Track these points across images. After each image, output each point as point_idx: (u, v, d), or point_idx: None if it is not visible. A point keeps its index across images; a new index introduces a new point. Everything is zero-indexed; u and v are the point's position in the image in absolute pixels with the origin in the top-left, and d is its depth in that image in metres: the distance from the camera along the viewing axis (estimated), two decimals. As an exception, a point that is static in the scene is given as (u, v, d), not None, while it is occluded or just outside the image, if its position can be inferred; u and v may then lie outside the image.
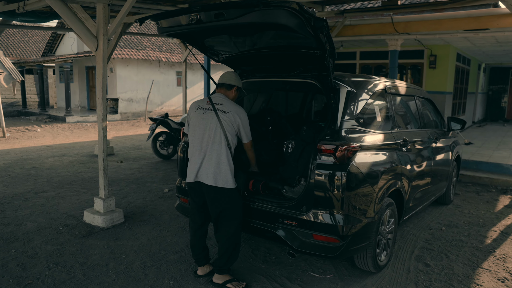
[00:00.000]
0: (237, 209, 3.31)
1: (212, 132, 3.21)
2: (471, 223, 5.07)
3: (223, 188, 3.22)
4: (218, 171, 3.21)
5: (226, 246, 3.32)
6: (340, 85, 3.37)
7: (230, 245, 3.32)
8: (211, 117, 3.23)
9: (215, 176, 3.21)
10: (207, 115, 3.26)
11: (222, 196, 3.26)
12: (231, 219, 3.30)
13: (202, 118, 3.28)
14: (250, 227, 3.50)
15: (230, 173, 3.23)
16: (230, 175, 3.23)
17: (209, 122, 3.24)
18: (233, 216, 3.30)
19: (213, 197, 3.28)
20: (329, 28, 2.86)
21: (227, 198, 3.27)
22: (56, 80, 22.67)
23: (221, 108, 3.25)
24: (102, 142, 4.88)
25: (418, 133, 4.52)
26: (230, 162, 3.24)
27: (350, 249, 3.15)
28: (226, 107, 3.25)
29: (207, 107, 3.30)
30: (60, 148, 10.67)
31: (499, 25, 6.90)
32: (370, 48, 11.56)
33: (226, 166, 3.22)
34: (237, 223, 3.32)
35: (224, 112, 3.22)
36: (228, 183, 3.23)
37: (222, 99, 3.32)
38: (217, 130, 3.20)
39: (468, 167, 7.68)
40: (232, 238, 3.31)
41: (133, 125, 16.95)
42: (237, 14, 2.66)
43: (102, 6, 4.57)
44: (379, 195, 3.36)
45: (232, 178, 3.25)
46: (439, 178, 5.05)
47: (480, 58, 15.45)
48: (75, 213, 5.29)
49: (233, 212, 3.30)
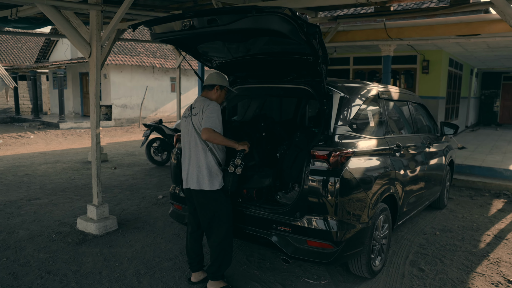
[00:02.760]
0: (225, 213, 3.28)
1: (191, 138, 3.31)
2: (465, 228, 5.09)
3: (207, 191, 3.22)
4: (201, 174, 3.25)
5: (217, 252, 3.30)
6: (333, 91, 3.38)
7: (221, 251, 3.29)
8: (189, 123, 3.34)
9: (198, 179, 3.25)
10: (187, 122, 3.37)
11: (208, 200, 3.27)
12: (220, 223, 3.27)
13: (184, 125, 3.41)
14: (244, 234, 3.49)
15: (212, 174, 3.21)
16: (213, 177, 3.21)
17: (188, 128, 3.35)
18: (222, 220, 3.27)
19: (201, 202, 3.31)
20: (321, 34, 2.88)
21: (213, 201, 3.26)
22: (49, 87, 22.56)
23: (194, 111, 3.33)
24: (96, 148, 4.86)
25: (411, 138, 4.54)
26: (211, 164, 3.23)
27: (344, 255, 3.14)
28: (197, 108, 3.30)
29: (187, 114, 3.41)
30: (53, 155, 10.59)
31: (490, 31, 6.98)
32: (363, 54, 11.64)
33: (206, 168, 3.23)
34: (227, 227, 3.28)
35: (195, 114, 3.29)
36: (211, 185, 3.21)
37: (200, 102, 3.33)
38: (193, 135, 3.28)
39: (462, 171, 7.73)
40: (222, 244, 3.28)
41: (127, 131, 16.88)
42: (230, 20, 2.67)
43: (95, 12, 4.57)
44: (372, 200, 3.37)
45: (215, 179, 3.22)
46: (433, 183, 5.07)
47: (472, 63, 15.60)
48: (68, 220, 5.24)
49: (221, 216, 3.27)
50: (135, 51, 19.95)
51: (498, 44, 9.36)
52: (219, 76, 3.39)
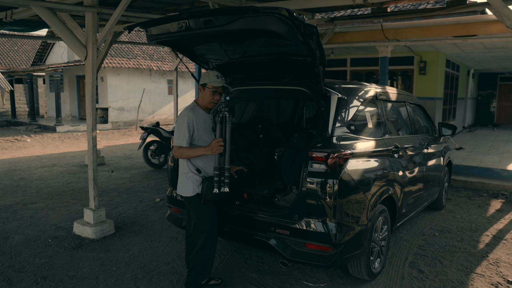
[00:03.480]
0: (203, 222, 3.18)
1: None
2: (464, 228, 5.07)
3: (185, 197, 3.20)
4: (180, 179, 3.23)
5: (195, 261, 3.21)
6: (331, 92, 3.36)
7: (198, 261, 3.19)
8: None
9: (179, 185, 3.25)
10: None
11: (187, 206, 3.27)
12: (198, 232, 3.22)
13: None
14: (242, 236, 3.46)
15: (188, 180, 3.15)
16: (188, 183, 3.15)
17: None
18: (199, 229, 3.20)
19: (185, 207, 3.32)
20: (319, 35, 2.86)
21: (190, 209, 3.23)
22: (46, 90, 22.48)
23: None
24: (92, 152, 4.82)
25: (409, 139, 4.52)
26: (186, 170, 3.16)
27: (343, 257, 3.11)
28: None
29: None
30: (50, 158, 10.53)
31: (487, 32, 7.00)
32: (360, 55, 11.65)
33: (183, 174, 3.20)
34: (205, 237, 3.16)
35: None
36: (186, 191, 3.16)
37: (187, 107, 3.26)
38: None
39: (460, 172, 7.72)
40: (199, 253, 3.19)
41: (124, 134, 16.82)
42: (227, 21, 2.65)
43: (91, 14, 4.54)
44: (371, 202, 3.34)
45: (189, 186, 3.14)
46: (431, 184, 5.06)
47: (469, 64, 15.65)
48: (64, 224, 5.19)
49: (199, 225, 3.20)
50: (132, 53, 19.91)
51: (494, 45, 9.38)
52: (203, 74, 3.24)
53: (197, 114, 3.15)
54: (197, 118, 3.13)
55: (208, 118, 3.25)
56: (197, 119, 3.12)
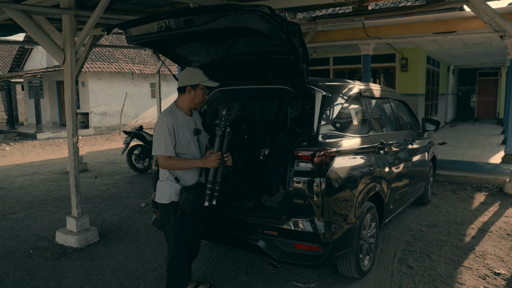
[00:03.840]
0: (172, 231, 2.99)
1: None
2: (450, 222, 5.12)
3: (159, 204, 3.02)
4: (158, 185, 3.05)
5: (168, 272, 3.07)
6: (315, 90, 3.33)
7: (171, 272, 3.04)
8: None
9: (156, 190, 3.10)
10: None
11: (161, 213, 3.10)
12: (168, 241, 3.08)
13: None
14: (229, 239, 3.40)
15: (164, 186, 2.96)
16: (164, 189, 2.96)
17: None
18: (169, 238, 3.05)
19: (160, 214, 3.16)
20: (302, 33, 2.82)
21: (163, 216, 3.06)
22: (25, 96, 21.97)
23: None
24: (73, 158, 4.70)
25: (394, 136, 4.53)
26: (165, 177, 2.97)
27: (333, 257, 3.08)
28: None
29: None
30: (30, 167, 10.26)
31: (466, 28, 7.10)
32: (343, 54, 11.71)
33: (161, 180, 3.01)
34: (173, 248, 3.00)
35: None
36: (160, 197, 2.97)
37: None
38: None
39: (444, 166, 7.82)
40: (171, 264, 3.02)
41: (107, 139, 16.55)
42: (207, 19, 2.58)
43: (68, 17, 4.41)
44: (359, 199, 3.33)
45: (165, 192, 2.94)
46: (417, 179, 5.09)
47: (449, 60, 15.92)
48: (46, 234, 5.04)
49: (169, 233, 3.05)
50: (114, 57, 19.62)
51: (473, 41, 9.55)
52: (188, 74, 2.96)
53: (177, 118, 2.93)
54: (177, 123, 2.91)
55: (190, 121, 3.02)
56: (177, 123, 2.90)
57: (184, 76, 2.97)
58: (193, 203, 2.90)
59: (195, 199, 2.90)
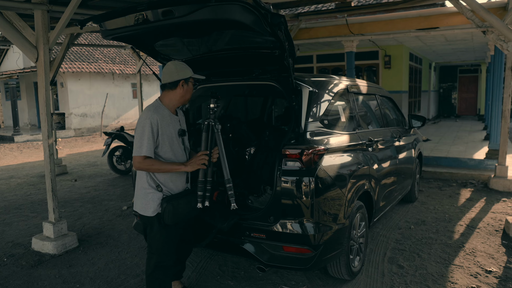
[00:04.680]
0: (155, 243, 2.74)
1: None
2: (438, 219, 5.07)
3: (141, 216, 2.77)
4: (137, 194, 2.78)
5: (147, 282, 2.84)
6: (302, 85, 3.21)
7: (148, 282, 2.82)
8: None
9: (136, 199, 2.81)
10: None
11: (143, 224, 2.86)
12: (150, 253, 2.78)
13: None
14: (215, 243, 3.24)
15: (146, 197, 2.68)
16: (147, 200, 2.68)
17: None
18: (151, 250, 2.76)
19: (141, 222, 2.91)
20: (287, 25, 2.69)
21: (147, 227, 2.80)
22: (2, 98, 21.30)
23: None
24: (49, 161, 4.46)
25: (382, 132, 4.46)
26: (146, 185, 2.69)
27: (323, 259, 2.96)
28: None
29: None
30: (7, 170, 9.88)
31: (448, 24, 7.10)
32: (326, 51, 11.67)
33: (141, 189, 2.72)
34: (155, 260, 2.75)
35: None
36: (145, 210, 2.69)
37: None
38: None
39: (429, 163, 7.83)
40: (151, 275, 2.78)
41: (88, 141, 16.15)
42: (187, 11, 2.42)
43: (41, 12, 4.18)
44: (348, 198, 3.22)
45: (150, 204, 2.67)
46: (404, 176, 5.03)
47: (430, 57, 16.09)
48: (22, 240, 4.79)
49: (152, 245, 2.76)
50: (93, 57, 19.17)
51: (455, 37, 9.61)
52: (179, 67, 2.69)
53: (163, 116, 2.64)
54: (162, 121, 2.62)
55: (175, 120, 2.75)
56: (162, 122, 2.62)
57: (174, 69, 2.68)
58: (174, 215, 2.63)
59: (175, 210, 2.63)
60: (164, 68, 2.75)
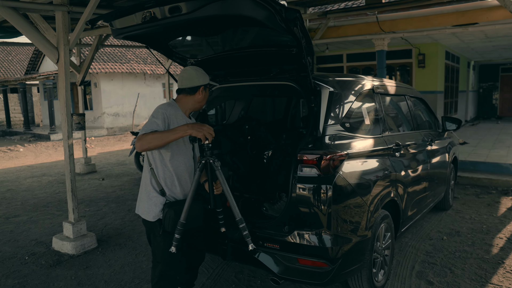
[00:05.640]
0: (159, 251, 2.64)
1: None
2: (474, 230, 4.69)
3: (144, 220, 2.68)
4: (141, 196, 2.68)
5: None
6: (321, 86, 2.99)
7: None
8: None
9: (139, 201, 2.72)
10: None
11: (146, 230, 2.75)
12: (154, 261, 2.71)
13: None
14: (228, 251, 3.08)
15: (149, 201, 2.60)
16: (150, 204, 2.60)
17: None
18: (155, 258, 2.70)
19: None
20: (303, 21, 2.49)
21: (149, 232, 2.70)
22: (40, 98, 22.18)
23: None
24: (69, 161, 4.47)
25: (411, 136, 4.16)
26: (150, 188, 2.60)
27: (341, 273, 2.74)
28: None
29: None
30: (41, 168, 10.21)
31: (489, 19, 6.63)
32: (356, 50, 11.28)
33: (144, 191, 2.64)
34: (160, 269, 2.65)
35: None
36: (146, 214, 2.61)
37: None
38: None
39: (466, 168, 7.34)
40: (156, 285, 2.69)
41: (119, 140, 16.50)
42: (195, 6, 2.27)
43: (61, 14, 4.19)
44: (371, 208, 2.97)
45: (151, 209, 2.58)
46: (437, 183, 4.69)
47: (469, 56, 15.28)
48: (45, 239, 4.85)
49: (155, 253, 2.67)
50: (125, 58, 19.59)
51: (496, 33, 9.00)
52: (199, 72, 2.64)
53: (176, 114, 2.58)
54: (174, 118, 2.55)
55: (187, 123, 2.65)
56: (174, 118, 2.54)
57: (195, 75, 2.63)
58: (175, 222, 2.49)
59: (177, 217, 2.49)
60: (182, 72, 2.69)
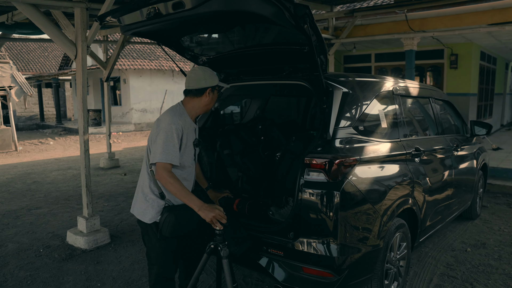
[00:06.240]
0: (155, 254, 2.57)
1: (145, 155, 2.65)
2: (502, 243, 4.39)
3: (139, 221, 2.59)
4: (137, 196, 2.59)
5: None
6: (334, 86, 2.84)
7: None
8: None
9: (135, 202, 2.63)
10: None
11: (141, 230, 2.66)
12: (150, 264, 2.64)
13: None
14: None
15: (147, 202, 2.50)
16: (147, 206, 2.49)
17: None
18: (151, 261, 2.62)
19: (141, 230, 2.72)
20: (313, 17, 2.35)
21: (144, 234, 2.62)
22: (72, 93, 22.89)
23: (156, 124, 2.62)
24: (84, 157, 4.51)
25: (435, 140, 3.92)
26: (148, 189, 2.51)
27: (348, 284, 2.59)
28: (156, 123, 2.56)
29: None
30: (67, 161, 10.49)
31: (528, 17, 6.21)
32: (385, 50, 10.92)
33: (141, 192, 2.55)
34: (157, 270, 2.57)
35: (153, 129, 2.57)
36: (142, 215, 2.52)
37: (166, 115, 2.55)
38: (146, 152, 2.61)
39: (497, 175, 6.93)
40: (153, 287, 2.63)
41: (146, 135, 16.77)
42: (198, 1, 2.18)
43: (80, 10, 4.22)
44: (384, 217, 2.80)
45: (148, 211, 2.48)
46: (463, 190, 4.42)
47: (507, 56, 14.51)
48: (62, 232, 4.93)
49: (151, 255, 2.62)
50: (154, 55, 19.89)
51: (536, 33, 8.45)
52: (207, 73, 2.56)
53: (185, 123, 2.49)
54: (185, 129, 2.46)
55: (193, 129, 2.60)
56: (184, 130, 2.46)
57: (202, 76, 2.54)
58: (174, 227, 2.42)
59: (176, 222, 2.42)
60: (190, 72, 2.60)
